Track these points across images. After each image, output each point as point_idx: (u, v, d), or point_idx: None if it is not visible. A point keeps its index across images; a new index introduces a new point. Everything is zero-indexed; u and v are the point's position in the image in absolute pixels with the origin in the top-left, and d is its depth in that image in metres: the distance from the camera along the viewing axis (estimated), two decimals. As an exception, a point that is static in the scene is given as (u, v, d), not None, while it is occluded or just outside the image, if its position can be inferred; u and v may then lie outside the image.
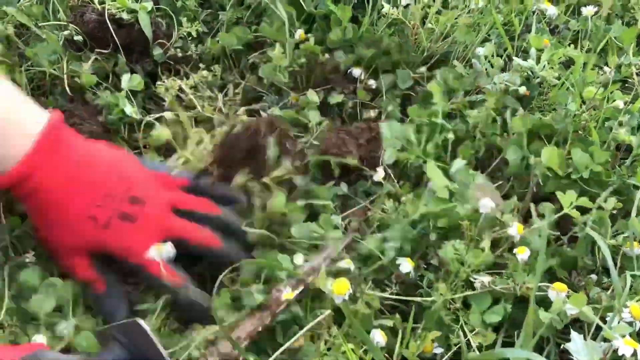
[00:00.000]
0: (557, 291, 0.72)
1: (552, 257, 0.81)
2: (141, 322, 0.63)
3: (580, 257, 0.81)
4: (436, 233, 0.81)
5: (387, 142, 0.92)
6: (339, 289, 0.67)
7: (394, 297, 0.78)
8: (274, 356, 0.65)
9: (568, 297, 0.72)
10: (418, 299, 0.78)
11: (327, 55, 1.05)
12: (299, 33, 1.05)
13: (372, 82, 1.07)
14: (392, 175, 0.91)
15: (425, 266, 0.82)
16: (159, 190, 0.77)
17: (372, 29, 1.07)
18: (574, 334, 0.64)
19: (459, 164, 0.85)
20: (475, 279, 0.74)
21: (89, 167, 0.74)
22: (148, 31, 1.01)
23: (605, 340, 0.67)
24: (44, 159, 0.70)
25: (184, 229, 0.76)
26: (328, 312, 0.67)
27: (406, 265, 0.77)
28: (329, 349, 0.68)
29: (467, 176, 0.83)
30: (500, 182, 0.92)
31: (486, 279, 0.73)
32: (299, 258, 0.75)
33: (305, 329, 0.67)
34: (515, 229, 0.79)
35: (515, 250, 0.78)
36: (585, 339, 0.66)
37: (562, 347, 0.69)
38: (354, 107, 1.05)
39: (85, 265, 0.74)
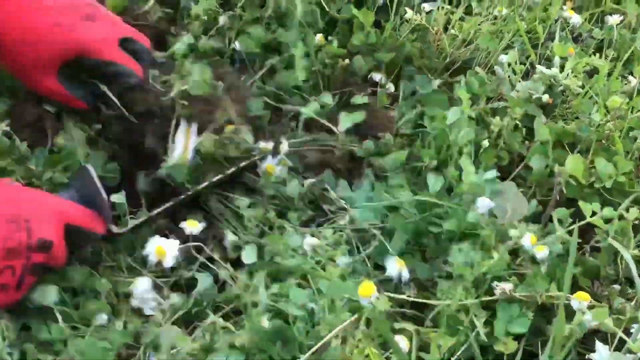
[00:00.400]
0: (579, 301, 0.71)
1: (574, 266, 0.80)
2: (89, 167, 0.74)
3: (603, 266, 0.80)
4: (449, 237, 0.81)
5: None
6: (365, 292, 0.66)
7: (411, 299, 0.77)
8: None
9: (591, 307, 0.71)
10: (434, 301, 0.76)
11: (347, 61, 1.05)
12: (319, 37, 1.05)
13: (391, 86, 1.06)
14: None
15: (438, 274, 0.82)
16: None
17: (395, 34, 1.07)
18: (599, 345, 0.63)
19: (490, 173, 0.84)
20: (496, 285, 0.73)
21: None
22: None
23: (630, 352, 0.65)
24: None
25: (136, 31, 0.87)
26: (355, 316, 0.67)
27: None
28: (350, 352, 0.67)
29: (493, 183, 0.82)
30: (522, 189, 0.91)
31: (507, 285, 0.72)
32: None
33: (333, 332, 0.66)
34: (528, 240, 0.78)
35: (534, 249, 0.77)
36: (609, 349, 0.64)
37: (586, 357, 0.68)
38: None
39: (55, 84, 0.80)
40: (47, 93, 0.82)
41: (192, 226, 0.78)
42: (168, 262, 0.74)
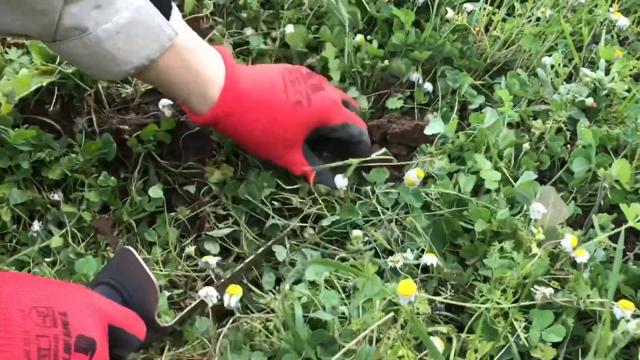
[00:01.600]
0: (623, 309, 0.69)
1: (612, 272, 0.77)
2: (131, 249, 0.68)
3: (647, 275, 0.78)
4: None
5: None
6: (406, 290, 0.65)
7: (447, 301, 0.76)
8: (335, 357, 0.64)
9: (635, 316, 0.69)
10: (472, 305, 0.75)
11: (386, 62, 1.04)
12: (359, 38, 1.04)
13: (427, 85, 1.05)
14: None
15: (476, 276, 0.80)
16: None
17: (435, 34, 1.05)
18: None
19: (528, 175, 0.82)
20: (536, 289, 0.71)
21: (264, 73, 0.88)
22: None
23: (675, 362, 0.63)
24: (232, 96, 0.83)
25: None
26: (391, 315, 0.65)
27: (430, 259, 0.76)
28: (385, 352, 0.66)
29: (531, 187, 0.80)
30: (562, 193, 0.89)
31: (547, 290, 0.70)
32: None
33: (368, 329, 0.65)
34: (569, 241, 0.76)
35: (573, 254, 0.75)
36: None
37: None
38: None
39: (300, 156, 0.90)
40: (288, 165, 0.91)
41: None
42: None
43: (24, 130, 0.89)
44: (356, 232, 0.81)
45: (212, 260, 0.78)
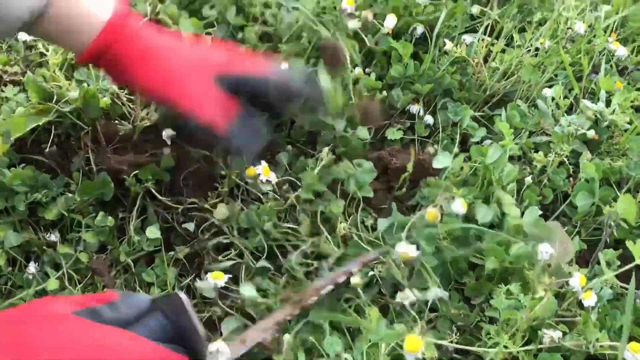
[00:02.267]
0: (633, 352, 0.67)
1: (624, 314, 0.76)
2: (182, 295, 0.65)
3: (656, 314, 0.76)
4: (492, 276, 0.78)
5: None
6: (412, 347, 0.63)
7: (454, 345, 0.74)
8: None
9: (645, 358, 0.67)
10: (479, 349, 0.74)
11: (384, 93, 1.04)
12: (358, 71, 1.03)
13: (428, 118, 1.05)
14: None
15: (482, 317, 0.79)
16: None
17: (434, 66, 1.05)
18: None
19: (533, 212, 0.81)
20: (544, 333, 0.70)
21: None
22: None
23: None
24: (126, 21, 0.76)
25: None
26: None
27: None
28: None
29: (538, 224, 0.79)
30: (566, 228, 0.88)
31: (556, 334, 0.69)
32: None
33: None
34: (577, 280, 0.75)
35: (580, 297, 0.74)
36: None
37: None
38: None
39: (216, 92, 0.76)
40: (194, 106, 0.76)
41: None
42: None
43: (20, 170, 0.88)
44: (355, 280, 0.79)
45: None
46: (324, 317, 0.73)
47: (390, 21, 1.05)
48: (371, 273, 0.84)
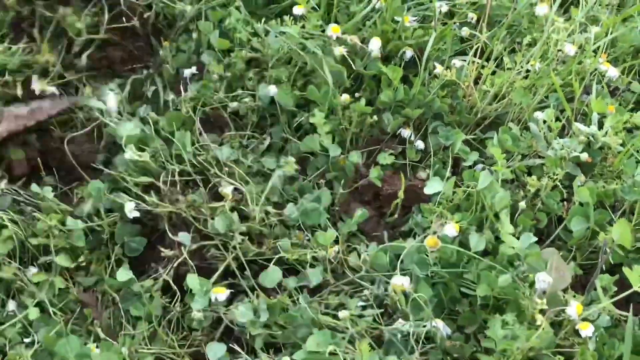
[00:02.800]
0: (632, 383, 0.65)
1: (622, 342, 0.74)
2: None
3: (655, 342, 0.74)
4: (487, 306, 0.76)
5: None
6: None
7: (449, 379, 0.72)
8: None
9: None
10: (475, 382, 0.72)
11: (375, 117, 1.02)
12: (345, 97, 1.02)
13: (419, 143, 1.04)
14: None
15: (477, 347, 0.77)
16: None
17: (424, 90, 1.04)
18: None
19: (527, 238, 0.79)
20: (542, 365, 0.68)
21: None
22: None
23: None
24: None
25: None
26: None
27: None
28: None
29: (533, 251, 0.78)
30: (561, 252, 0.87)
31: (554, 366, 0.67)
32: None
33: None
34: (574, 309, 0.73)
35: (577, 327, 0.72)
36: None
37: None
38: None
39: None
40: None
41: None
42: None
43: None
44: (343, 314, 0.77)
45: None
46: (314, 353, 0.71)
47: (375, 44, 1.04)
48: (362, 303, 0.83)
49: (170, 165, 0.95)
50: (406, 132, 1.04)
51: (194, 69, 1.09)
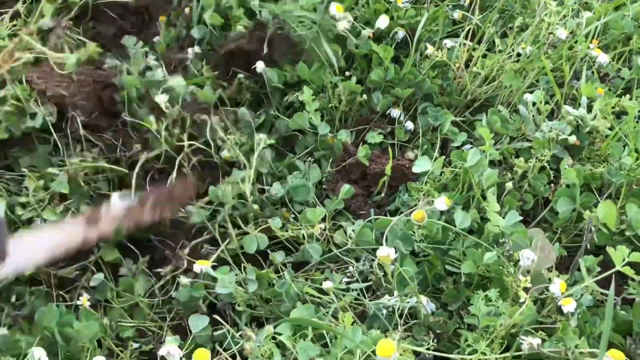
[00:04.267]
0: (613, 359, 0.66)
1: (603, 320, 0.75)
2: None
3: (636, 321, 0.75)
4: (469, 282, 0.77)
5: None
6: (385, 352, 0.61)
7: (431, 352, 0.72)
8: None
9: (626, 366, 0.66)
10: (456, 357, 0.72)
11: (364, 96, 1.02)
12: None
13: (409, 124, 1.03)
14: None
15: (460, 324, 0.77)
16: None
17: (415, 70, 1.04)
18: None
19: (512, 217, 0.79)
20: (523, 339, 0.68)
21: None
22: None
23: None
24: None
25: None
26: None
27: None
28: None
29: (519, 229, 0.78)
30: (547, 234, 0.87)
31: (535, 340, 0.67)
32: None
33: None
34: (557, 287, 0.73)
35: (560, 303, 0.72)
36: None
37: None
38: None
39: None
40: None
41: None
42: None
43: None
44: (327, 284, 0.77)
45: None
46: (297, 322, 0.70)
47: (383, 22, 1.04)
48: (346, 280, 0.83)
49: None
50: (395, 112, 1.04)
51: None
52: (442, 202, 0.80)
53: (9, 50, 0.90)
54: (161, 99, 0.91)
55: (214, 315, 0.79)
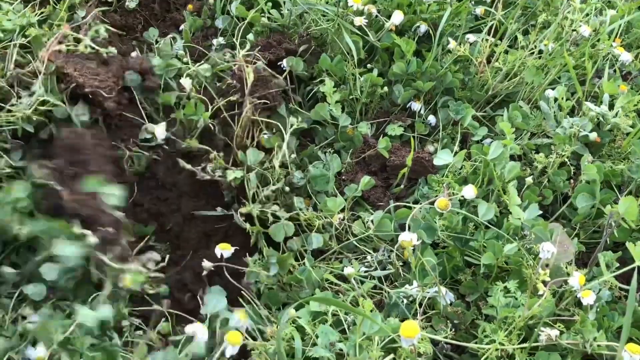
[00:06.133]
0: (631, 353, 0.66)
1: (621, 315, 0.75)
2: None
3: (655, 317, 0.75)
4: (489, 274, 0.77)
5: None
6: (408, 332, 0.61)
7: (449, 341, 0.73)
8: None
9: (644, 360, 0.66)
10: (474, 345, 0.72)
11: (385, 89, 1.03)
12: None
13: (431, 118, 1.04)
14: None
15: (478, 315, 0.78)
16: None
17: (437, 64, 1.04)
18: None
19: (533, 210, 0.80)
20: (541, 330, 0.68)
21: None
22: None
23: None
24: None
25: None
26: (390, 357, 0.62)
27: None
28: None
29: (539, 222, 0.78)
30: (565, 229, 0.87)
31: (553, 332, 0.68)
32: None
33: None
34: (576, 280, 0.74)
35: (579, 295, 0.72)
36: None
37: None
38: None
39: None
40: None
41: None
42: None
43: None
44: (349, 270, 0.78)
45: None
46: (320, 301, 0.71)
47: (397, 17, 1.04)
48: (364, 269, 0.84)
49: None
50: (416, 105, 1.04)
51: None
52: (470, 190, 0.80)
53: (50, 43, 0.91)
54: (186, 82, 0.92)
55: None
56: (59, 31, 0.93)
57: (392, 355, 0.63)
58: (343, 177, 0.99)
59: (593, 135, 0.93)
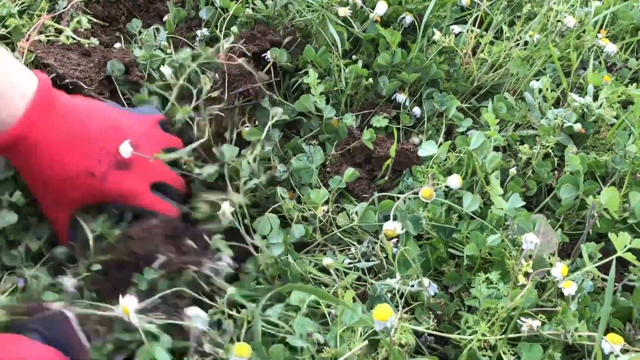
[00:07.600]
0: (612, 343, 0.66)
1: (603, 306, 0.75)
2: (69, 313, 0.64)
3: (636, 307, 0.75)
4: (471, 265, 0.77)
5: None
6: (381, 315, 0.61)
7: (433, 332, 0.73)
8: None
9: (624, 350, 0.66)
10: (457, 337, 0.72)
11: (370, 80, 1.02)
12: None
13: (416, 110, 1.04)
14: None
15: (461, 306, 0.78)
16: (149, 137, 0.83)
17: (422, 56, 1.04)
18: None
19: (515, 200, 0.79)
20: (523, 321, 0.68)
21: (81, 124, 0.76)
22: None
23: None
24: (40, 118, 0.71)
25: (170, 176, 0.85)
26: (365, 343, 0.62)
27: None
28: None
29: (522, 213, 0.78)
30: (549, 221, 0.87)
31: (535, 322, 0.68)
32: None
33: (341, 359, 0.62)
34: (559, 270, 0.74)
35: (561, 285, 0.72)
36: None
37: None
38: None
39: (65, 219, 0.79)
40: (52, 221, 0.81)
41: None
42: None
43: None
44: (327, 261, 0.77)
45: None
46: (299, 289, 0.71)
47: (381, 8, 1.04)
48: (348, 261, 0.83)
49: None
50: (401, 97, 1.04)
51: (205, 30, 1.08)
52: (455, 180, 0.80)
53: (30, 33, 0.90)
54: (166, 71, 0.91)
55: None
56: (39, 21, 0.92)
57: (365, 342, 0.62)
58: (328, 169, 0.99)
59: (577, 127, 0.93)
